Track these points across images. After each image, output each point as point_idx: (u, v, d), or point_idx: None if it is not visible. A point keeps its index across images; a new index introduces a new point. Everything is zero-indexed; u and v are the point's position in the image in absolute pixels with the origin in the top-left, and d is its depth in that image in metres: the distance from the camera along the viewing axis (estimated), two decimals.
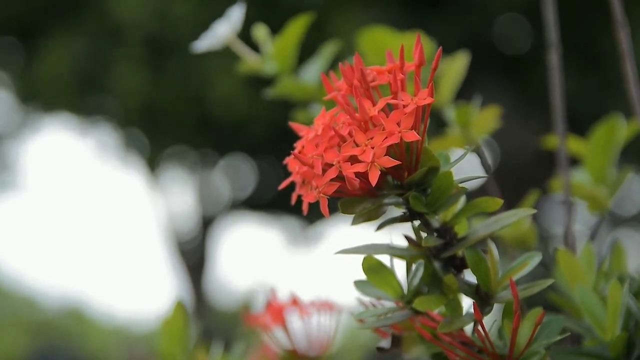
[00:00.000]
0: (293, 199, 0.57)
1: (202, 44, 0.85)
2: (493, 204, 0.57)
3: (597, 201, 0.83)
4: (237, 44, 0.86)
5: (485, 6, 3.79)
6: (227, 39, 0.85)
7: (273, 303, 0.81)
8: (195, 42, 0.85)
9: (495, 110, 0.85)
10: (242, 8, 0.85)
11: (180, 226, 5.85)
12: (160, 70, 3.98)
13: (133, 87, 4.04)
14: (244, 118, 4.03)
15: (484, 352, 0.57)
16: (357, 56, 0.56)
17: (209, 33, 0.86)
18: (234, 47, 0.86)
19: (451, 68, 0.85)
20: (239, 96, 3.79)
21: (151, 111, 4.22)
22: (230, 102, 3.88)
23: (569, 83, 1.40)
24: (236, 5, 0.85)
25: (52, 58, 4.13)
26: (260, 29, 0.88)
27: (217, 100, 3.90)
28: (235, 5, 0.85)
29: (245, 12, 0.85)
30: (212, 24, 0.86)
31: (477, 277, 0.58)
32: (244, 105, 3.86)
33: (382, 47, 0.82)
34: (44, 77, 4.22)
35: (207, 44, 0.85)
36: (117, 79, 4.07)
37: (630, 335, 0.61)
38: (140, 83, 4.02)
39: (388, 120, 0.53)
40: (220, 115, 4.04)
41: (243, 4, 0.86)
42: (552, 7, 0.85)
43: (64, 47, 4.12)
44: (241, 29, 0.86)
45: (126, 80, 4.04)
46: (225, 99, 3.86)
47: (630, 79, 0.78)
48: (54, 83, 4.22)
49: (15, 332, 6.94)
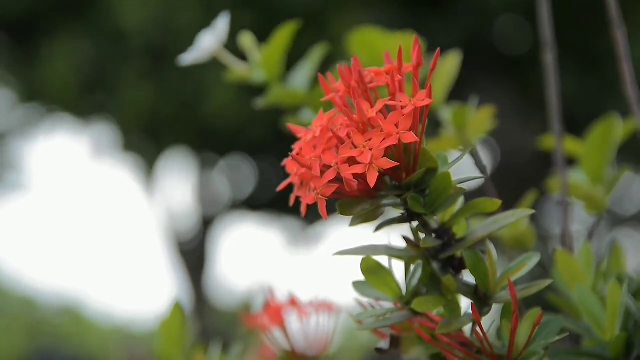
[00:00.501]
0: (291, 200, 0.57)
1: (189, 56, 0.85)
2: (491, 205, 0.57)
3: (594, 201, 0.83)
4: (223, 54, 0.86)
5: (485, 6, 3.79)
6: (214, 50, 0.85)
7: (271, 303, 0.81)
8: (182, 55, 0.85)
9: (491, 110, 0.84)
10: (226, 18, 0.85)
11: (180, 226, 5.85)
12: (162, 78, 3.98)
13: (135, 93, 4.04)
14: (242, 125, 4.04)
15: (482, 352, 0.57)
16: (354, 58, 0.56)
17: (195, 45, 0.85)
18: (220, 57, 0.86)
19: (443, 68, 0.85)
20: (236, 104, 3.79)
21: (152, 118, 4.22)
22: (228, 111, 3.88)
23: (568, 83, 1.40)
24: (220, 16, 0.85)
25: (57, 60, 4.14)
26: (247, 37, 0.87)
27: (215, 110, 3.91)
28: (221, 15, 0.85)
29: (238, 16, 0.85)
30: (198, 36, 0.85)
31: (475, 277, 0.58)
32: (243, 113, 3.87)
33: (373, 47, 0.82)
34: (47, 78, 4.23)
35: (193, 56, 0.85)
36: (119, 84, 4.08)
37: (630, 335, 0.61)
38: (142, 90, 4.02)
39: (386, 122, 0.53)
40: (219, 124, 4.04)
41: (228, 14, 0.85)
42: (546, 7, 0.85)
43: (68, 49, 4.12)
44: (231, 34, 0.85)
45: (128, 86, 4.05)
46: (223, 108, 3.87)
47: (627, 80, 0.78)
48: (57, 85, 4.23)
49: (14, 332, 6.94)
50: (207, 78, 3.78)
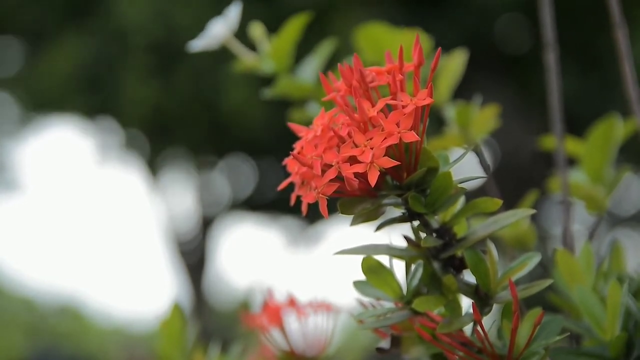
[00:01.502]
0: (292, 200, 0.57)
1: (199, 43, 0.85)
2: (492, 205, 0.57)
3: (595, 201, 0.83)
4: (233, 43, 0.86)
5: (486, 6, 3.79)
6: (224, 38, 0.85)
7: (270, 304, 0.81)
8: (192, 41, 0.85)
9: (495, 109, 0.85)
10: (238, 7, 0.85)
11: (180, 226, 5.85)
12: (168, 76, 3.98)
13: (139, 91, 4.04)
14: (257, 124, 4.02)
15: (483, 352, 0.57)
16: (355, 57, 0.56)
17: (206, 32, 0.85)
18: (230, 46, 0.86)
19: (449, 66, 0.85)
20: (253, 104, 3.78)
21: (159, 116, 4.21)
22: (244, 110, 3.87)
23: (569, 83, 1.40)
24: (232, 4, 0.85)
25: (59, 59, 4.14)
26: (257, 27, 0.88)
27: (231, 107, 3.90)
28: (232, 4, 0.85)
29: (245, 11, 0.85)
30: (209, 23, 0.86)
31: (476, 277, 0.58)
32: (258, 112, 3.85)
33: (380, 43, 0.82)
34: (50, 76, 4.23)
35: (203, 43, 0.85)
36: (123, 82, 4.07)
37: (630, 335, 0.61)
38: (146, 88, 4.02)
39: (387, 121, 0.53)
40: (233, 123, 4.03)
41: (239, 4, 0.86)
42: (548, 7, 0.84)
43: (71, 48, 4.12)
44: (240, 27, 0.85)
45: (131, 84, 4.04)
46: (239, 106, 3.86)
47: (629, 80, 0.78)
48: (59, 83, 4.23)
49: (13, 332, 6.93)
50: (219, 77, 3.77)
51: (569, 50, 3.30)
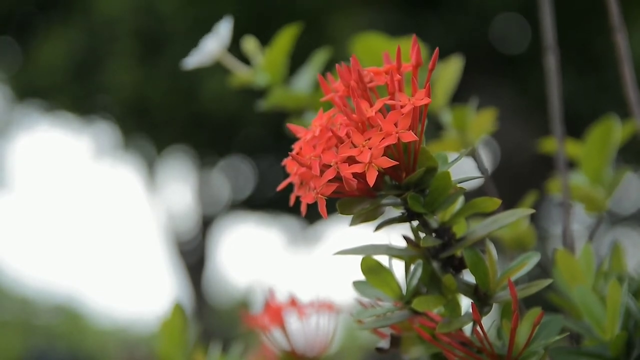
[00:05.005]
0: (291, 200, 0.57)
1: (192, 60, 0.85)
2: (491, 204, 0.57)
3: (595, 202, 0.83)
4: (227, 58, 0.86)
5: (483, 6, 3.79)
6: (217, 54, 0.85)
7: (271, 303, 0.81)
8: (185, 58, 0.85)
9: (492, 112, 0.85)
10: (229, 23, 0.85)
11: (180, 226, 5.85)
12: (152, 64, 3.99)
13: (125, 80, 4.05)
14: (236, 115, 4.04)
15: (482, 352, 0.57)
16: (354, 58, 0.56)
17: (199, 49, 0.86)
18: (224, 61, 0.86)
19: (445, 72, 0.85)
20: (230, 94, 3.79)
21: (143, 105, 4.22)
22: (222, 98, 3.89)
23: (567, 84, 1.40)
24: (223, 20, 0.85)
25: (46, 54, 4.15)
26: (250, 41, 0.88)
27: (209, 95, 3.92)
28: (223, 19, 0.85)
29: (242, 18, 0.85)
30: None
31: (475, 277, 0.58)
32: (236, 102, 3.87)
33: (377, 53, 0.82)
34: (38, 72, 4.24)
35: (197, 60, 0.85)
36: (109, 72, 4.09)
37: (630, 334, 0.61)
38: (132, 77, 4.03)
39: (385, 121, 0.53)
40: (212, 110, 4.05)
41: (230, 18, 0.86)
42: (549, 10, 0.85)
43: (57, 42, 4.14)
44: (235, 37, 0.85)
45: (118, 74, 4.05)
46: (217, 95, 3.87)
47: (628, 82, 0.78)
48: (48, 78, 4.24)
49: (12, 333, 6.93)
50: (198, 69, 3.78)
51: (566, 51, 3.30)
